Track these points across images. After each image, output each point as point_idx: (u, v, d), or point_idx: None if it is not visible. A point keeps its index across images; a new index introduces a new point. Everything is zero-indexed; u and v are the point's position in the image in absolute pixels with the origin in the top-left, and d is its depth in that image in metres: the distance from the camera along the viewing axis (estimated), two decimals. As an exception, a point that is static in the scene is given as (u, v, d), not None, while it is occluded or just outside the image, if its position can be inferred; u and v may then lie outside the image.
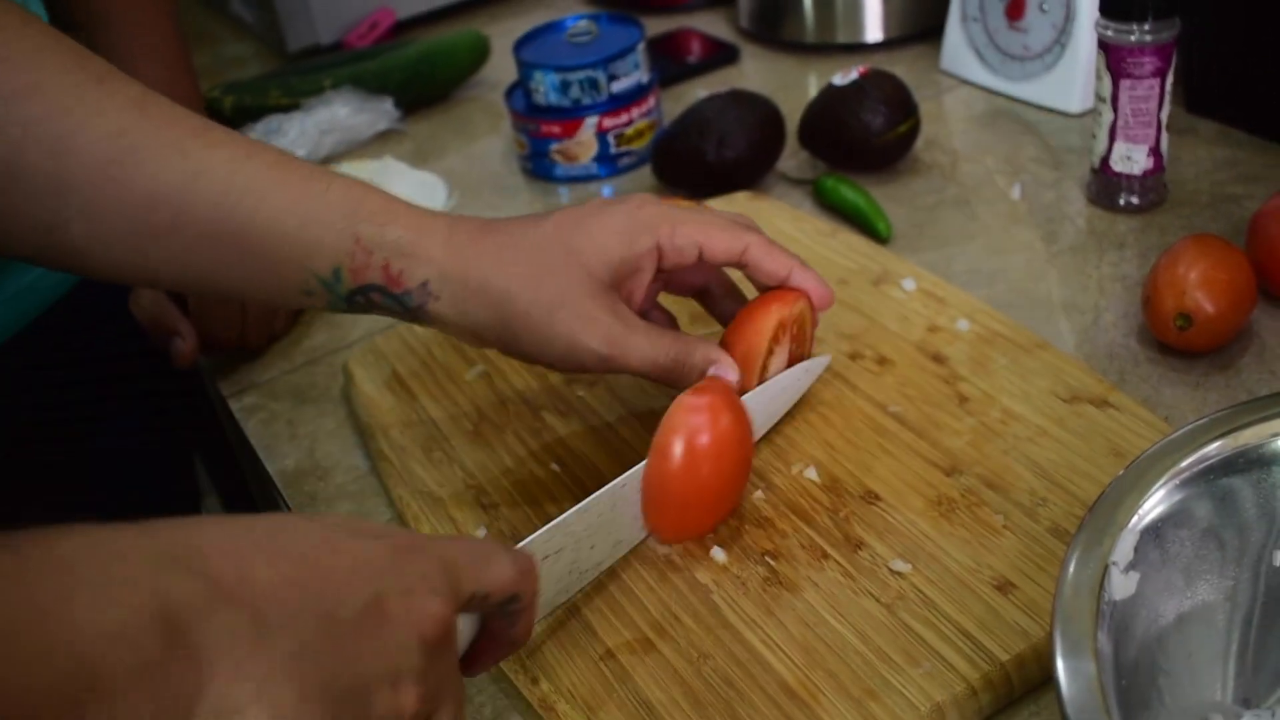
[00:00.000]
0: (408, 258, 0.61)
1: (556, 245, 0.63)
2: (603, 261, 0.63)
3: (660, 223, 0.64)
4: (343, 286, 0.62)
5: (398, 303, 0.63)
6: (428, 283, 0.62)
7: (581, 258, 0.62)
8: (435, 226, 0.62)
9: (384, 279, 0.62)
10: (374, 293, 0.62)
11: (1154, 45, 0.83)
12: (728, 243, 0.65)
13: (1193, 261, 0.73)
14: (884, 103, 0.97)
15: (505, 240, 0.63)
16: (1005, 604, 0.57)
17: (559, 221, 0.64)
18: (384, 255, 0.61)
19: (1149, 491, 0.50)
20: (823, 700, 0.54)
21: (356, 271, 0.61)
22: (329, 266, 0.61)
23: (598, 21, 1.08)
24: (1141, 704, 0.48)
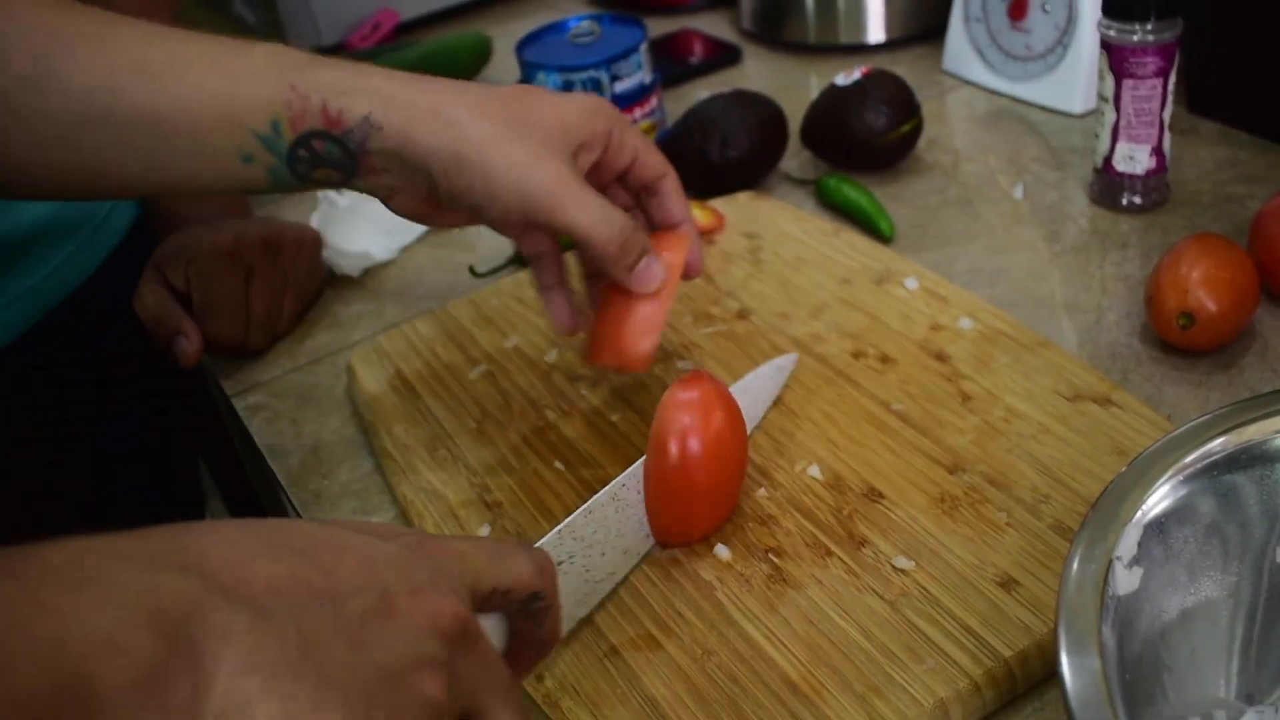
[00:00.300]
0: (346, 95, 0.60)
1: (519, 104, 0.62)
2: (560, 125, 0.62)
3: (614, 116, 0.65)
4: (283, 141, 0.60)
5: (340, 146, 0.61)
6: (370, 115, 0.60)
7: (540, 115, 0.61)
8: (371, 69, 0.61)
9: (324, 122, 0.60)
10: (315, 139, 0.60)
11: (1156, 45, 0.83)
12: (656, 162, 0.67)
13: (1195, 261, 0.73)
14: (886, 103, 0.97)
15: (461, 88, 0.62)
16: (1008, 600, 0.57)
17: (523, 89, 0.63)
18: (321, 96, 0.60)
19: (1152, 487, 0.50)
20: (827, 696, 0.54)
21: (294, 120, 0.60)
22: (266, 119, 0.60)
23: (600, 22, 1.08)
24: (1146, 699, 0.48)
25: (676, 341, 0.79)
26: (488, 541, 0.48)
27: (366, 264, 0.97)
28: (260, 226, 0.90)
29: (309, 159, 0.61)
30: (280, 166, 0.61)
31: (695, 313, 0.82)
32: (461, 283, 0.94)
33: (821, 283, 0.83)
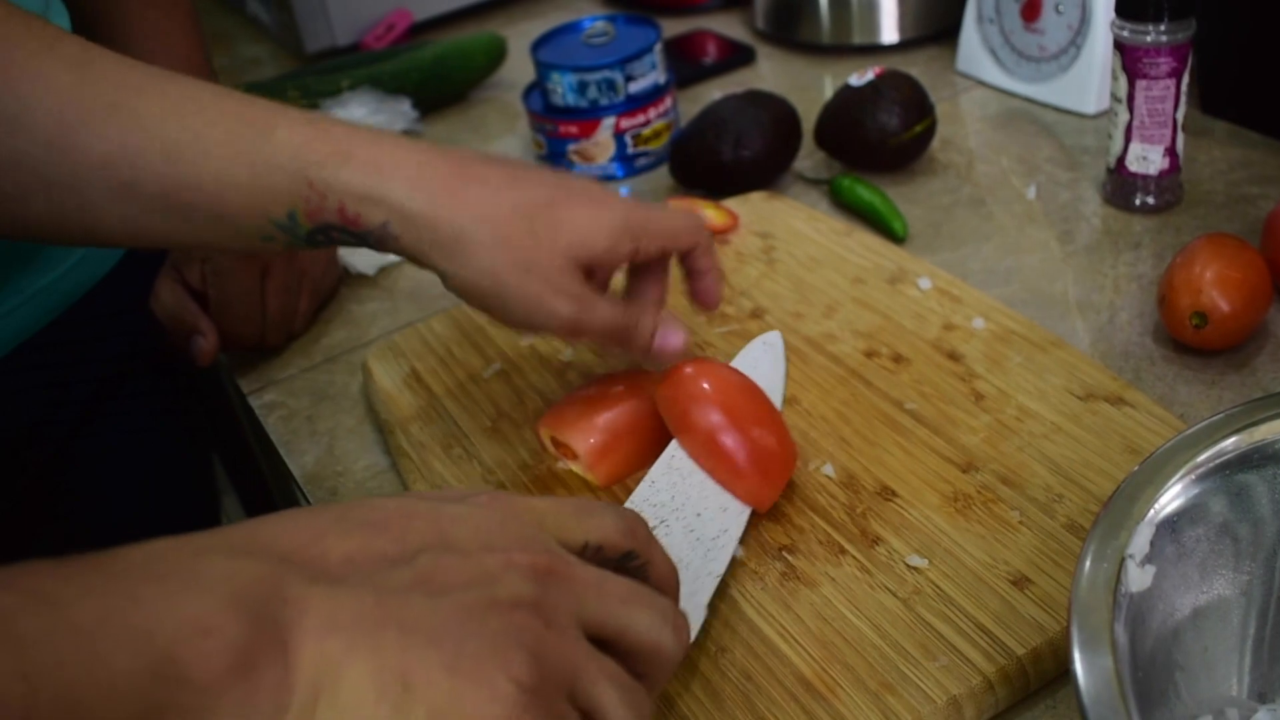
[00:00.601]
0: (364, 201, 0.60)
1: (541, 216, 0.62)
2: (584, 249, 0.62)
3: (641, 234, 0.64)
4: (300, 229, 0.61)
5: (359, 239, 0.62)
6: (387, 224, 0.61)
7: (564, 238, 0.62)
8: (399, 167, 0.61)
9: (340, 219, 0.61)
10: (333, 231, 0.62)
11: (1170, 46, 0.83)
12: (690, 241, 0.67)
13: (1208, 260, 0.73)
14: (900, 103, 0.98)
15: (484, 195, 0.61)
16: (1021, 599, 0.57)
17: (551, 192, 0.63)
18: (338, 198, 0.60)
19: (1165, 486, 0.50)
20: (840, 694, 0.55)
21: (311, 214, 0.61)
22: (284, 211, 0.61)
23: (614, 23, 1.09)
24: (1158, 697, 0.48)
25: (690, 341, 0.80)
26: (571, 500, 0.48)
27: (381, 263, 0.98)
28: (276, 226, 0.90)
29: (326, 241, 0.63)
30: (299, 243, 0.63)
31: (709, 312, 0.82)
32: (476, 282, 0.95)
33: (835, 282, 0.83)
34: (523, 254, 0.61)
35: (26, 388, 0.93)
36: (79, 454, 0.98)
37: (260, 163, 0.60)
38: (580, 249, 0.62)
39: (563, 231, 0.62)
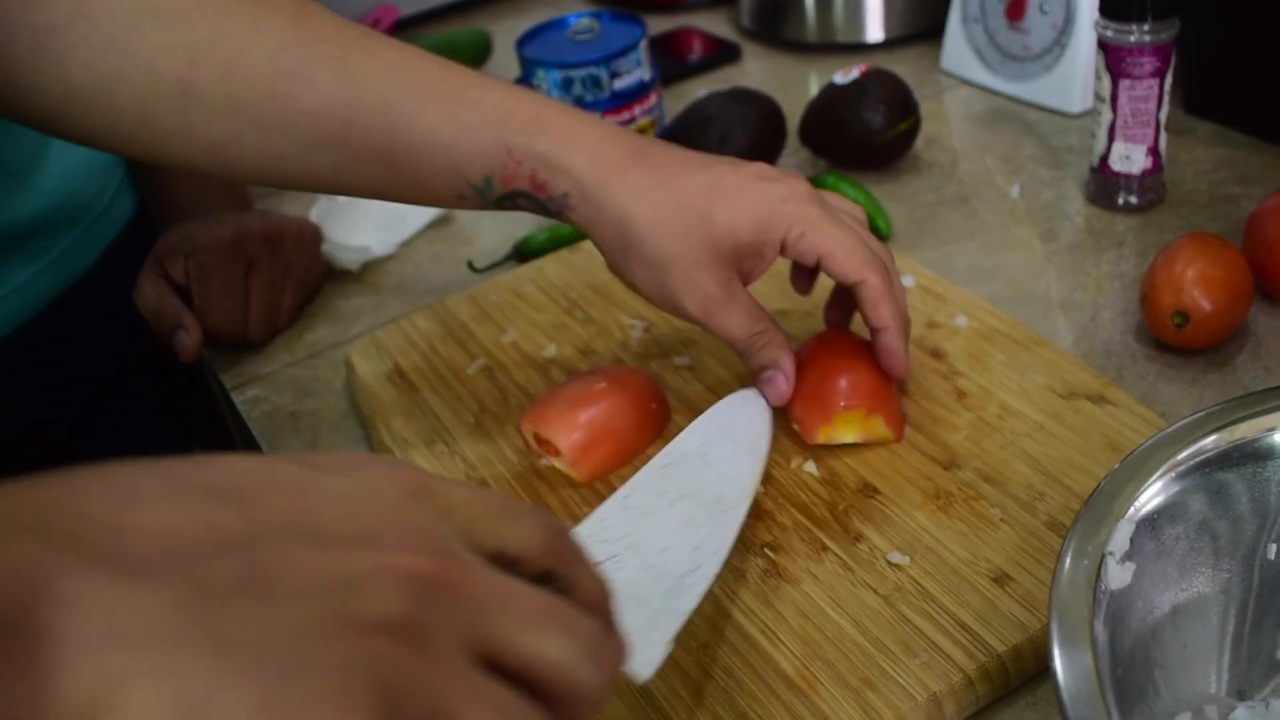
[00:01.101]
0: (553, 170, 0.63)
1: (695, 209, 0.63)
2: (731, 239, 0.64)
3: (795, 223, 0.64)
4: (493, 192, 0.64)
5: (541, 207, 0.65)
6: (568, 195, 0.63)
7: (714, 229, 0.63)
8: (584, 141, 0.63)
9: (531, 186, 0.64)
10: (520, 198, 0.64)
11: (1153, 45, 0.83)
12: (845, 270, 0.64)
13: (1190, 260, 0.74)
14: (884, 101, 0.98)
15: (651, 181, 0.63)
16: (1002, 596, 0.58)
17: (712, 182, 0.64)
18: (531, 165, 0.63)
19: (1145, 484, 0.50)
20: (821, 690, 0.55)
21: (507, 179, 0.63)
22: (481, 175, 0.63)
23: (600, 19, 1.08)
24: (1137, 694, 0.48)
25: (674, 338, 0.80)
26: (496, 496, 0.38)
27: (366, 258, 0.98)
28: (260, 220, 0.90)
29: (512, 206, 0.65)
30: (489, 204, 0.65)
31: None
32: (460, 278, 0.95)
33: (819, 280, 0.83)
34: (668, 245, 0.63)
35: (26, 388, 0.92)
36: (78, 454, 0.98)
37: (466, 126, 0.62)
38: (727, 237, 0.64)
39: (709, 223, 0.63)
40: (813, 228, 0.64)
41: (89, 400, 0.97)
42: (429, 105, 0.62)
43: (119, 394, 0.99)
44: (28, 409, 0.93)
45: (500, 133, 0.63)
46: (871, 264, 0.64)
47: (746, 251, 0.65)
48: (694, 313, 0.64)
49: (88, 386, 0.97)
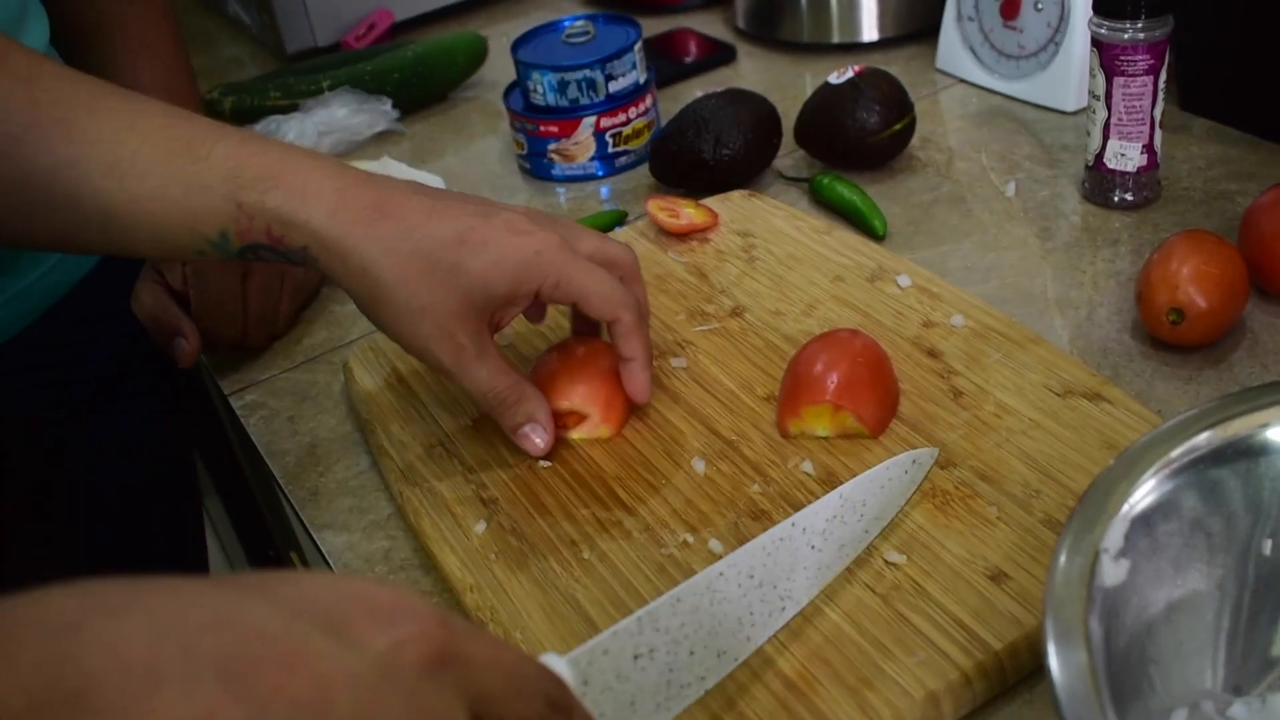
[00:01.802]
0: (287, 225, 0.63)
1: (447, 258, 0.64)
2: (484, 292, 0.65)
3: (549, 273, 0.65)
4: (231, 246, 0.64)
5: (284, 258, 0.65)
6: (306, 248, 0.63)
7: (465, 281, 0.64)
8: (321, 192, 0.63)
9: (268, 240, 0.63)
10: (262, 250, 0.64)
11: (1147, 43, 0.83)
12: (600, 312, 0.68)
13: (1185, 257, 0.74)
14: (879, 101, 0.98)
15: (397, 231, 0.63)
16: (999, 594, 0.58)
17: (463, 233, 0.64)
18: (265, 221, 0.63)
19: (1139, 481, 0.50)
20: (819, 690, 0.55)
21: (241, 234, 0.63)
22: (216, 230, 0.63)
23: (595, 22, 1.09)
24: (1133, 691, 0.48)
25: (670, 339, 0.80)
26: (512, 658, 0.38)
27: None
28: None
29: (255, 257, 0.65)
30: (230, 256, 0.65)
31: (689, 310, 0.82)
32: (457, 281, 0.95)
33: (815, 280, 0.83)
34: (419, 296, 0.64)
35: (22, 389, 0.93)
36: (73, 457, 0.98)
37: (195, 184, 0.62)
38: (479, 290, 0.64)
39: (461, 275, 0.64)
40: (566, 277, 0.66)
41: (87, 401, 0.97)
42: (158, 163, 0.62)
43: (118, 395, 1.00)
44: (23, 409, 0.93)
45: (230, 188, 0.62)
46: (624, 304, 0.68)
47: (499, 302, 0.66)
48: (446, 363, 0.65)
49: (86, 388, 0.97)
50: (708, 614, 0.54)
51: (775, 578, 0.57)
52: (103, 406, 0.99)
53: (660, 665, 0.51)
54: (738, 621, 0.55)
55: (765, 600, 0.57)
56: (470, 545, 0.67)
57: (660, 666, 0.51)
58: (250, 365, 0.90)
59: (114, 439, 1.01)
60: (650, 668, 0.51)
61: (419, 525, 0.69)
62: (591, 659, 0.48)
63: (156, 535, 1.07)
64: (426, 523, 0.69)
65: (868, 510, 0.62)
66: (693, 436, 0.72)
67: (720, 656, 0.55)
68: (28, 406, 0.94)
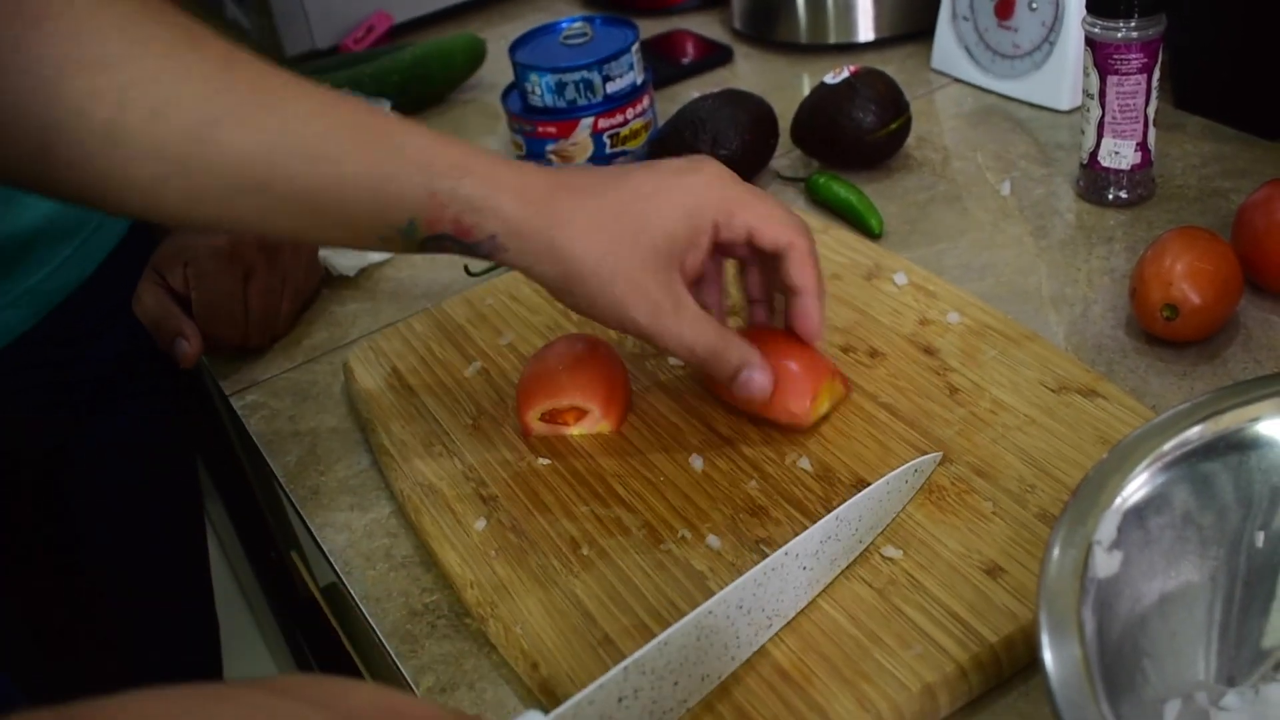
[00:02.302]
0: (478, 212, 0.63)
1: (626, 216, 0.64)
2: (666, 236, 0.65)
3: (722, 203, 0.66)
4: (417, 235, 0.64)
5: (468, 250, 0.65)
6: (495, 236, 0.64)
7: (648, 232, 0.64)
8: (507, 181, 0.64)
9: (455, 230, 0.64)
10: (446, 241, 0.65)
11: (1140, 42, 0.84)
12: (775, 235, 0.67)
13: (1179, 253, 0.74)
14: (875, 101, 0.98)
15: (577, 204, 0.64)
16: (994, 588, 0.58)
17: (635, 188, 0.65)
18: (456, 210, 0.63)
19: (1132, 474, 0.51)
20: (816, 682, 0.55)
21: (430, 223, 0.64)
22: (405, 218, 0.63)
23: (592, 23, 1.09)
24: (1127, 683, 0.49)
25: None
26: None
27: (362, 264, 0.98)
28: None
29: (437, 249, 0.65)
30: (412, 247, 0.65)
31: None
32: (456, 281, 0.95)
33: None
34: (607, 260, 0.63)
35: (23, 389, 0.93)
36: (74, 457, 0.98)
37: (390, 172, 0.63)
38: (661, 235, 0.64)
39: (642, 229, 0.64)
40: (739, 205, 0.66)
41: (88, 402, 0.98)
42: (353, 150, 0.62)
43: (119, 396, 1.00)
44: (25, 411, 0.94)
45: (424, 177, 0.63)
46: (797, 228, 0.67)
47: (683, 245, 0.65)
48: (644, 323, 0.64)
49: (87, 389, 0.98)
50: (694, 649, 0.55)
51: (763, 603, 0.58)
52: (104, 407, 0.99)
53: (644, 701, 0.53)
54: (723, 647, 0.56)
55: (752, 624, 0.58)
56: (470, 542, 0.67)
57: (644, 702, 0.53)
58: (251, 365, 0.91)
59: (115, 439, 1.01)
60: (634, 705, 0.53)
61: (419, 523, 0.70)
62: (577, 712, 0.50)
63: (157, 536, 1.08)
64: (427, 520, 0.69)
65: (863, 523, 0.62)
66: (690, 434, 0.72)
67: (704, 680, 0.56)
68: (29, 406, 0.94)
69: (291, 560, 1.07)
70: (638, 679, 0.53)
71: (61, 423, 0.97)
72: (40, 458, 0.97)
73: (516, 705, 0.60)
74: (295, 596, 1.26)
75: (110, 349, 0.98)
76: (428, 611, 0.67)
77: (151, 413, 1.05)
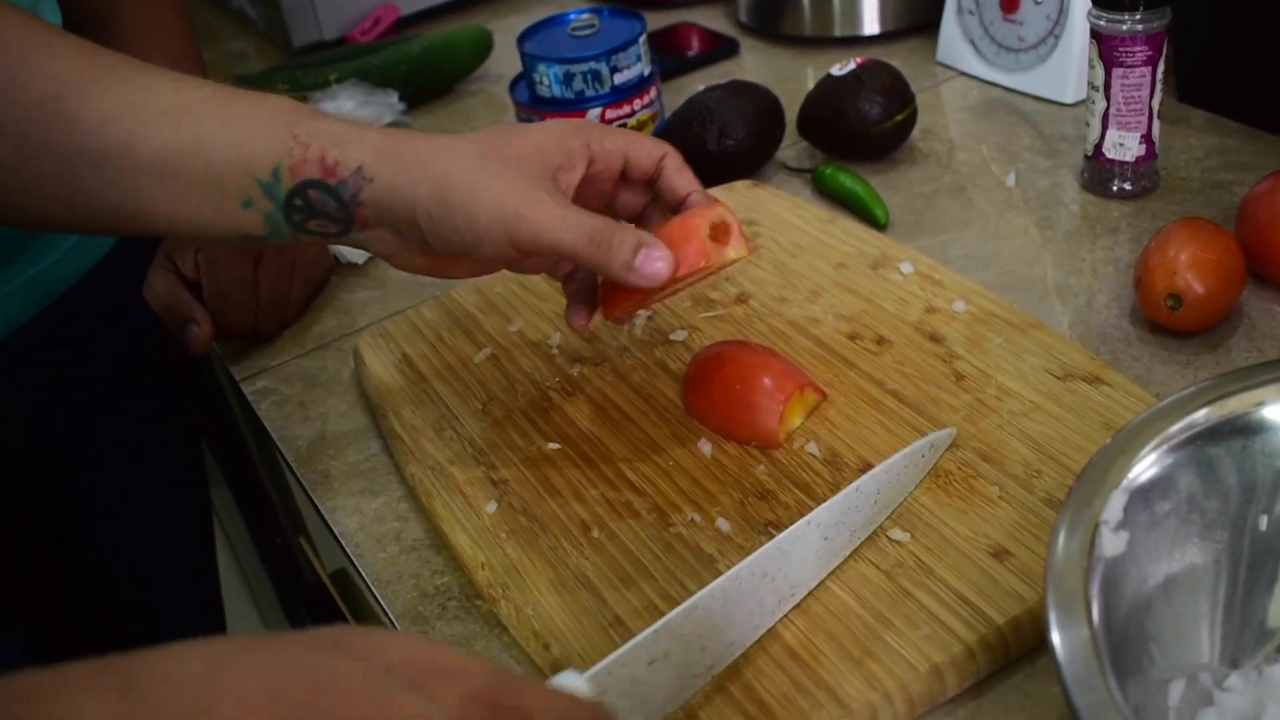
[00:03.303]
0: (342, 145, 0.63)
1: (494, 140, 0.65)
2: (537, 153, 0.64)
3: (590, 130, 0.67)
4: (282, 187, 0.63)
5: (333, 196, 0.63)
6: (362, 167, 0.63)
7: (519, 150, 0.64)
8: (367, 126, 0.65)
9: (320, 171, 0.63)
10: (311, 189, 0.63)
11: (1145, 34, 0.85)
12: (649, 149, 0.68)
13: (1183, 243, 0.75)
14: (881, 93, 0.99)
15: (441, 136, 0.65)
16: (1001, 570, 0.59)
17: (494, 128, 0.66)
18: (320, 144, 0.63)
19: (1138, 456, 0.51)
20: (824, 661, 0.56)
21: (294, 168, 0.63)
22: (269, 166, 0.63)
23: (600, 15, 1.10)
24: (1133, 664, 0.50)
25: (674, 324, 0.81)
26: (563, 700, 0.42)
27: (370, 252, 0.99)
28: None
29: (304, 208, 0.64)
30: (276, 214, 0.64)
31: (695, 296, 0.83)
32: (465, 270, 0.96)
33: (818, 268, 0.85)
34: (483, 160, 0.63)
35: (29, 384, 0.94)
36: (78, 451, 0.99)
37: (251, 117, 0.63)
38: (533, 153, 0.64)
39: (510, 144, 0.64)
40: (610, 134, 0.68)
41: (89, 398, 0.98)
42: (215, 109, 0.63)
43: (118, 392, 1.00)
44: (32, 397, 0.94)
45: (286, 120, 0.63)
46: (666, 144, 0.69)
47: (554, 158, 0.65)
48: (525, 213, 0.62)
49: (87, 385, 0.98)
50: (720, 614, 0.56)
51: (786, 571, 0.59)
52: (106, 405, 1.00)
53: (674, 664, 0.54)
54: (748, 614, 0.57)
55: (776, 591, 0.59)
56: (481, 525, 0.68)
57: (674, 665, 0.54)
58: (261, 352, 0.91)
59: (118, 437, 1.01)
60: (665, 668, 0.54)
61: (430, 506, 0.70)
62: (610, 672, 0.51)
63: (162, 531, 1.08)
64: (438, 503, 0.70)
65: (881, 498, 0.63)
66: (699, 419, 0.73)
67: (731, 646, 0.57)
68: (35, 399, 0.94)
69: (299, 546, 1.08)
70: (668, 642, 0.53)
71: (64, 420, 0.98)
72: (43, 455, 0.97)
73: (527, 685, 0.61)
74: (301, 583, 1.27)
75: (113, 345, 0.98)
76: (439, 594, 0.67)
77: (155, 409, 1.05)
